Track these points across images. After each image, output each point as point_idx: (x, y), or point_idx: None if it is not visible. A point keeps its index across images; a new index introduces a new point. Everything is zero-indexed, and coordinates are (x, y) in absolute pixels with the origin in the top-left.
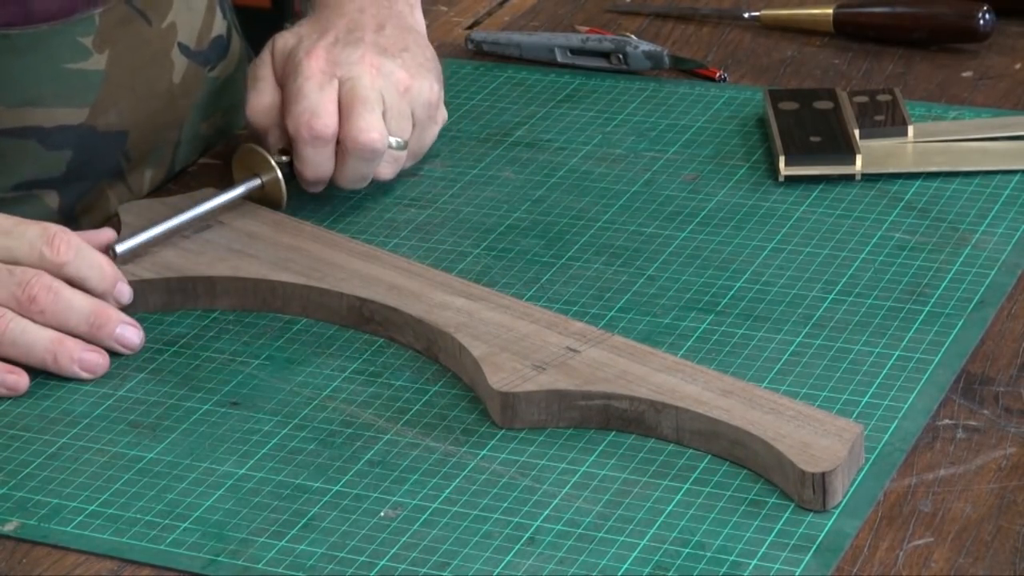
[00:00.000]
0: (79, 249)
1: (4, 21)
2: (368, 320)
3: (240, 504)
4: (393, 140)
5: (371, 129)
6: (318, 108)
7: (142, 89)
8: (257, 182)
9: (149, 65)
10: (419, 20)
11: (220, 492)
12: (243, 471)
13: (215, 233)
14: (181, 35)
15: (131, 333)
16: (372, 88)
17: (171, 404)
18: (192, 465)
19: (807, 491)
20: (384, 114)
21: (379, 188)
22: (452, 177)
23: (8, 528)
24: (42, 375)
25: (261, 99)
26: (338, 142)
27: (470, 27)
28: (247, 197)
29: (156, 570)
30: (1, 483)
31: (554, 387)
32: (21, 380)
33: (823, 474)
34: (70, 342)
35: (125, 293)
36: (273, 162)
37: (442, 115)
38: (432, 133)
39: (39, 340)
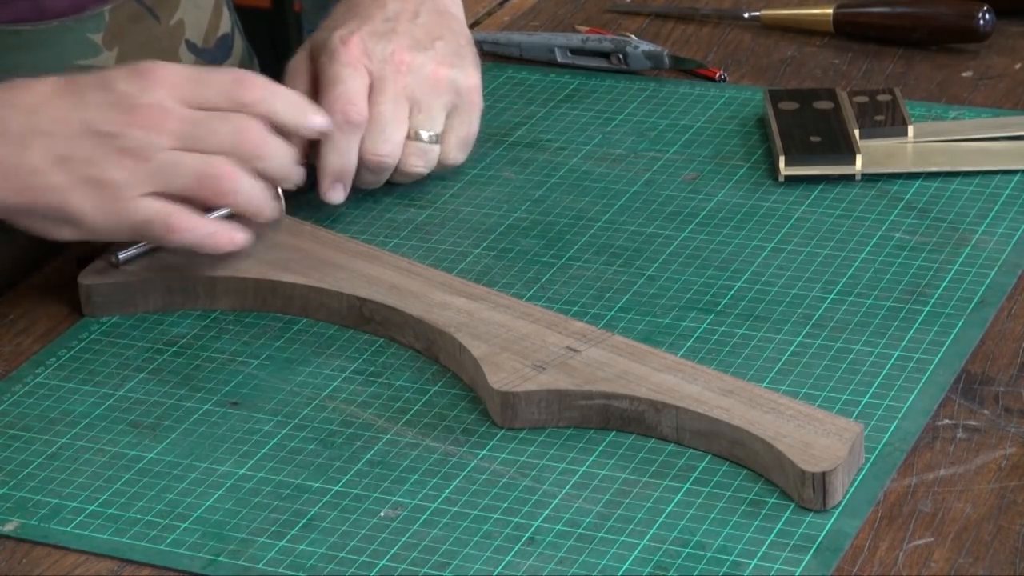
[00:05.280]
0: (267, 86)
1: (15, 17)
2: (368, 320)
3: (240, 504)
4: (425, 134)
5: (378, 151)
6: (354, 94)
7: None
8: None
9: None
10: (456, 1)
11: (220, 492)
12: (243, 471)
13: None
14: (189, 32)
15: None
16: (392, 99)
17: (171, 404)
18: (192, 465)
19: (807, 490)
20: (411, 110)
21: (379, 188)
22: (452, 177)
23: (8, 528)
24: (42, 375)
25: (296, 87)
26: None
27: (470, 27)
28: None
29: (156, 570)
30: (1, 483)
31: (554, 387)
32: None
33: (823, 473)
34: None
35: (318, 123)
36: None
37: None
38: (477, 119)
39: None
